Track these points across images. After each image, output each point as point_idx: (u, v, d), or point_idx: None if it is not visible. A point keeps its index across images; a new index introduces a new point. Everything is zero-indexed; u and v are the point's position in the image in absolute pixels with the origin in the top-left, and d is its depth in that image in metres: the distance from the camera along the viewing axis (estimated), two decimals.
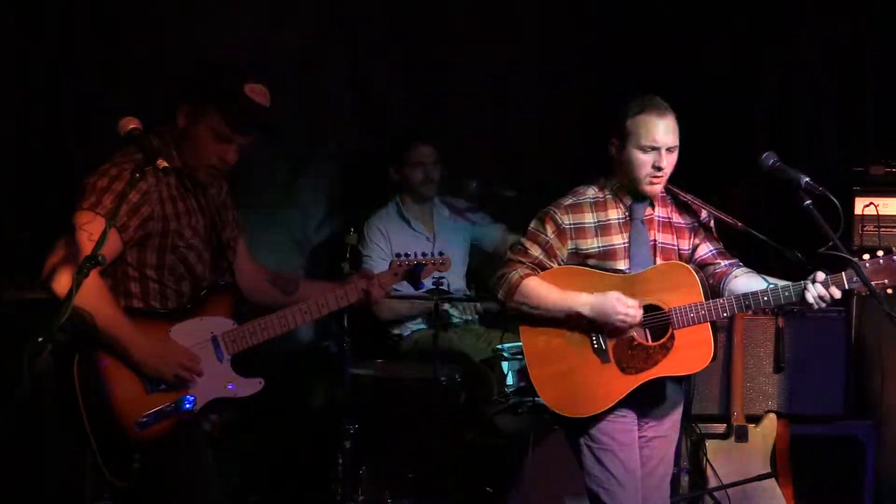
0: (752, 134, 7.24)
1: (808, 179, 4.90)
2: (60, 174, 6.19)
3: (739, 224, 5.10)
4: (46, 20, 6.28)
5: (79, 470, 4.50)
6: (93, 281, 4.39)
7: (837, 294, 4.88)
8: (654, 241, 5.07)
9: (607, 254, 5.01)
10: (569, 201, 5.03)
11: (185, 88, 4.72)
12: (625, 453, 5.05)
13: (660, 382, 5.04)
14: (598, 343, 4.98)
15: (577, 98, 7.43)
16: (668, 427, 5.18)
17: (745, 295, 4.94)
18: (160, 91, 6.01)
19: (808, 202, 4.87)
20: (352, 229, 5.85)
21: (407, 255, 5.30)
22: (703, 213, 5.14)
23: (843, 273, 4.87)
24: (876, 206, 6.59)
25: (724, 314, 5.01)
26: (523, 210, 5.18)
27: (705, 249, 5.16)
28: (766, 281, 5.03)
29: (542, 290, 4.95)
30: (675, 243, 5.11)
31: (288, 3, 6.88)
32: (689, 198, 5.13)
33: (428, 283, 5.96)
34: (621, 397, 4.99)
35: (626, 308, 4.90)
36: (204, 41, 6.34)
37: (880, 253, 4.87)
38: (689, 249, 5.15)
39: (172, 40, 6.36)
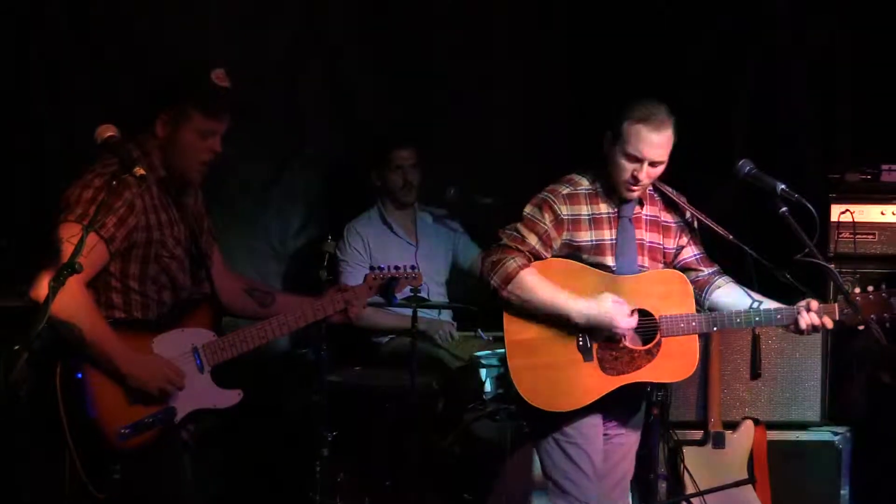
0: (729, 140, 7.25)
1: (783, 186, 4.93)
2: (37, 181, 6.17)
3: (731, 237, 5.10)
4: (19, 26, 6.24)
5: (57, 481, 4.48)
6: (79, 293, 4.42)
7: (829, 324, 4.95)
8: (642, 239, 5.09)
9: (598, 248, 5.03)
10: (566, 190, 5.02)
11: (158, 98, 4.72)
12: (590, 447, 5.10)
13: (628, 385, 5.05)
14: (584, 341, 5.00)
15: (557, 103, 7.43)
16: (632, 427, 5.24)
17: (738, 313, 5.01)
18: (137, 98, 5.99)
19: (783, 209, 4.90)
20: (329, 237, 5.84)
21: (381, 269, 5.32)
22: (688, 213, 5.17)
23: (835, 304, 4.95)
24: (852, 213, 6.61)
25: (714, 328, 5.08)
26: (501, 217, 5.18)
27: (689, 253, 5.21)
28: (749, 296, 5.10)
29: (537, 284, 4.93)
30: (661, 242, 5.14)
31: (266, 9, 6.86)
32: (674, 195, 5.16)
33: (405, 290, 5.97)
34: (599, 397, 5.02)
35: (626, 322, 4.92)
36: (182, 48, 6.32)
37: (870, 288, 4.95)
38: (673, 249, 5.18)
39: (149, 46, 6.33)
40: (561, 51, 7.53)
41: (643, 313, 5.01)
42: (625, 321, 4.93)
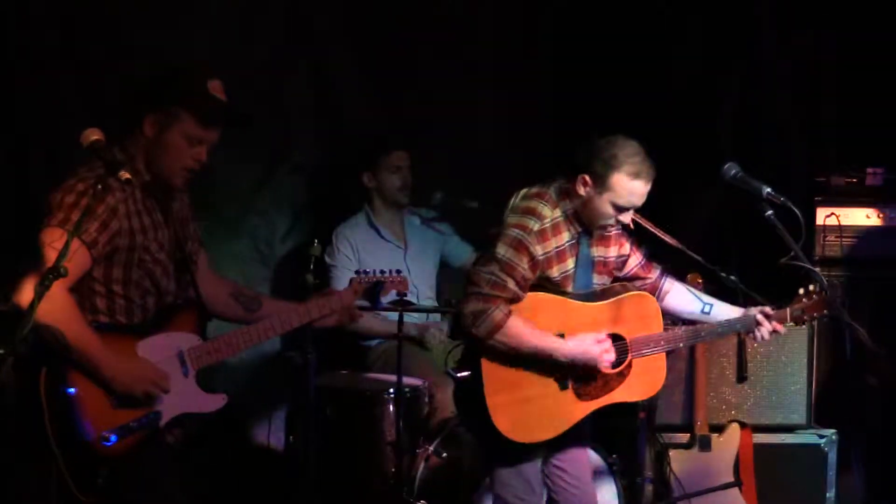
0: (715, 144, 7.27)
1: (769, 190, 4.94)
2: (19, 186, 6.13)
3: (674, 241, 5.22)
4: (7, 29, 6.22)
5: (43, 485, 4.47)
6: (63, 297, 4.39)
7: (781, 329, 5.17)
8: (594, 257, 5.12)
9: (564, 279, 5.04)
10: (536, 226, 4.95)
11: (149, 97, 4.70)
12: (539, 465, 5.17)
13: None
14: (561, 373, 5.01)
15: (540, 109, 7.44)
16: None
17: (703, 327, 5.19)
18: (123, 99, 5.97)
19: (769, 212, 4.91)
20: (315, 241, 5.84)
21: (367, 272, 5.33)
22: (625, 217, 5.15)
23: (786, 309, 5.15)
24: (837, 217, 6.63)
25: (680, 345, 5.21)
26: (486, 221, 5.18)
27: (634, 262, 5.28)
28: (698, 298, 5.27)
29: (524, 333, 4.88)
30: (605, 254, 5.17)
31: (251, 15, 6.85)
32: None
33: (392, 294, 5.97)
34: (576, 423, 5.06)
35: (607, 360, 4.97)
36: (168, 53, 6.30)
37: (801, 291, 5.16)
38: (614, 258, 5.22)
39: (136, 52, 6.31)
40: (547, 54, 7.54)
41: (615, 337, 5.06)
42: (606, 359, 4.98)
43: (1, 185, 6.16)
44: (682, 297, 5.29)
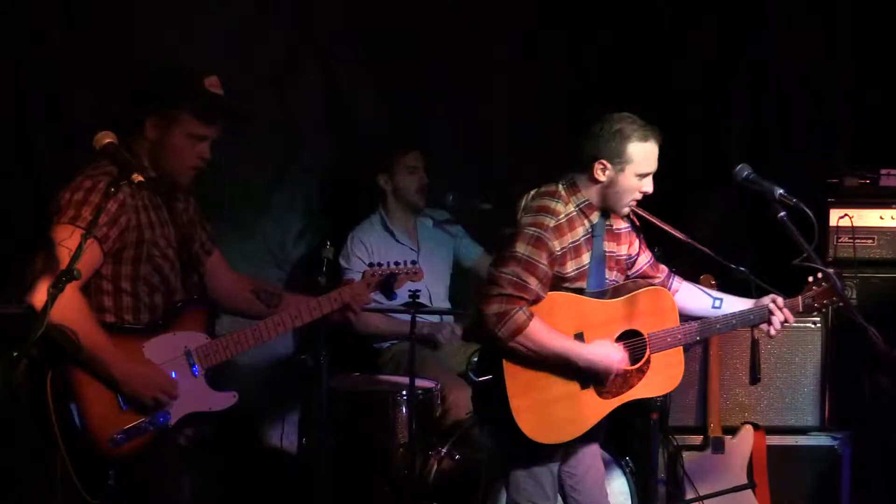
0: (727, 146, 7.25)
1: (781, 191, 4.93)
2: (30, 186, 6.12)
3: (681, 235, 5.23)
4: (19, 31, 6.21)
5: (51, 487, 4.46)
6: (76, 298, 4.40)
7: (792, 319, 5.18)
8: (605, 252, 5.10)
9: (578, 274, 5.01)
10: (552, 223, 4.93)
11: (148, 100, 4.71)
12: (555, 469, 5.13)
13: None
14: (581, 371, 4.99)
15: (550, 111, 7.43)
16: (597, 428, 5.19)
17: (718, 319, 5.17)
18: (127, 100, 5.97)
19: (782, 214, 4.90)
20: (328, 243, 5.83)
21: (379, 265, 5.31)
22: (630, 214, 5.18)
23: (798, 297, 5.16)
24: (850, 218, 6.61)
25: (697, 338, 5.17)
26: (500, 223, 5.17)
27: (644, 260, 5.28)
28: (708, 294, 5.28)
29: (545, 336, 4.84)
30: (617, 250, 5.15)
31: (261, 17, 6.84)
32: None
33: (404, 296, 5.96)
34: (598, 421, 5.04)
35: (621, 365, 4.96)
36: (177, 55, 6.31)
37: (810, 279, 5.15)
38: (625, 256, 5.20)
39: (147, 52, 6.32)
40: (560, 56, 7.53)
41: (633, 333, 5.06)
42: (622, 366, 4.98)
43: (11, 187, 6.16)
44: (692, 294, 5.30)
